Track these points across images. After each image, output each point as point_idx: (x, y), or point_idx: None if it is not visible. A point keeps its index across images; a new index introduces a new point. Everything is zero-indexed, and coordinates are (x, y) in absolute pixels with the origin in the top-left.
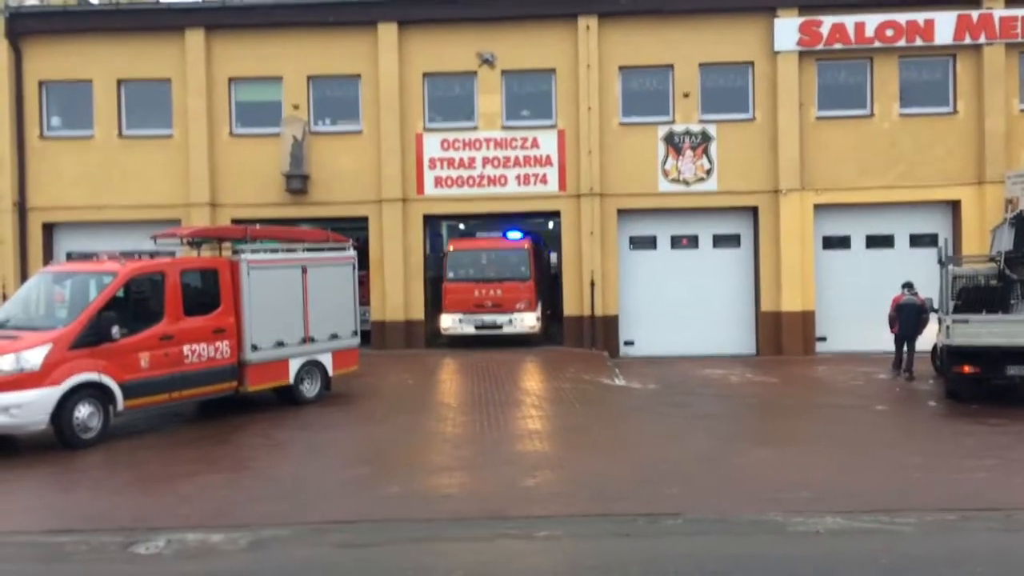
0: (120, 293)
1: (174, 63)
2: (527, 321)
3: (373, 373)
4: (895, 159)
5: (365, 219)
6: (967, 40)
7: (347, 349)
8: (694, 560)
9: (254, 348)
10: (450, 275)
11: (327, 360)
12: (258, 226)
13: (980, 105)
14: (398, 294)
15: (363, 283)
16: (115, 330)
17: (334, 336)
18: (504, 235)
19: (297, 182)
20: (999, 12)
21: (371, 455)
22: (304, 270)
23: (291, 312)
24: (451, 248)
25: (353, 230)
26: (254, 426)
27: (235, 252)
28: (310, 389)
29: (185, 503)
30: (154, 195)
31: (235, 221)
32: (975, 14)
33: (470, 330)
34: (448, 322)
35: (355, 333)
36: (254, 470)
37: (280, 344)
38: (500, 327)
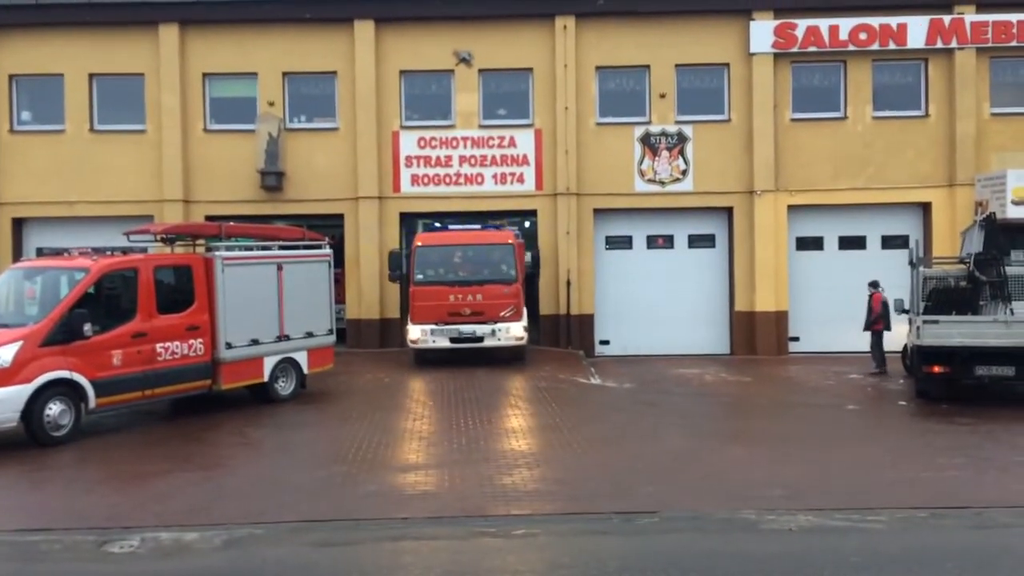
0: (92, 290)
1: (147, 58)
2: (513, 332)
3: (349, 371)
4: (868, 161)
5: (341, 216)
6: (939, 44)
7: (322, 347)
8: (670, 558)
9: (228, 346)
10: (418, 277)
11: (302, 358)
12: (232, 223)
13: (951, 109)
14: (374, 292)
15: (339, 281)
16: (87, 327)
17: (309, 334)
18: (485, 227)
19: (272, 179)
20: (970, 17)
21: (347, 453)
22: (279, 267)
23: (266, 310)
24: (419, 244)
25: (329, 227)
26: (228, 424)
27: (209, 249)
28: (285, 387)
29: (159, 501)
30: (126, 191)
31: (209, 218)
32: (947, 19)
33: (444, 343)
34: (417, 334)
35: (330, 331)
36: (229, 468)
37: (255, 342)
38: (481, 339)
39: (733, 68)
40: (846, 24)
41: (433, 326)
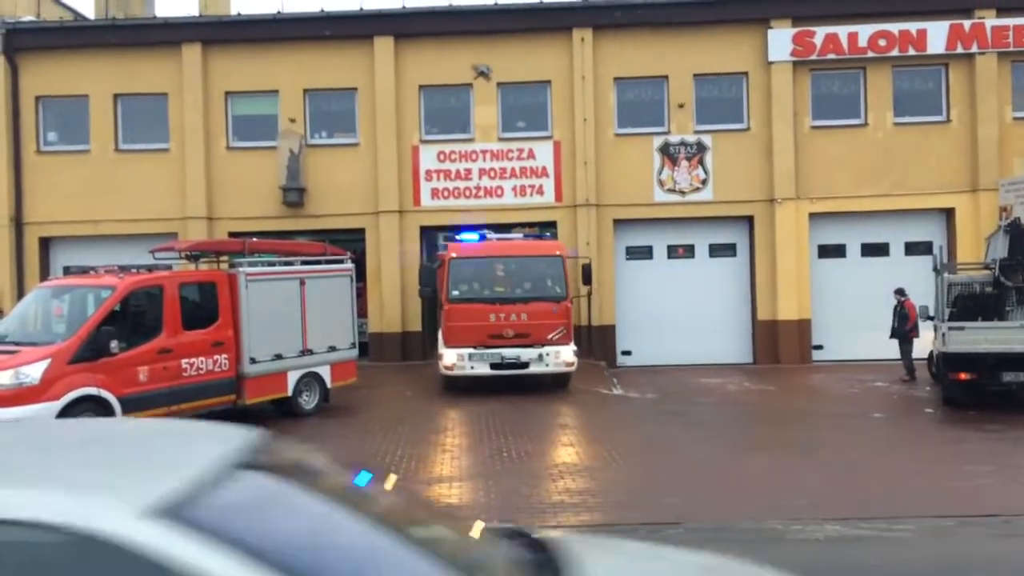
0: (118, 307)
1: (171, 77)
2: (563, 356)
3: (371, 385)
4: (889, 168)
5: (362, 231)
6: (959, 49)
7: (345, 361)
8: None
9: (252, 361)
10: (453, 293)
11: (325, 372)
12: (255, 239)
13: (973, 114)
14: (395, 306)
15: (360, 295)
16: (114, 344)
17: (332, 348)
18: (526, 237)
19: (294, 195)
20: (991, 22)
21: (370, 467)
22: (302, 282)
23: (289, 325)
24: (453, 255)
25: (350, 242)
26: None
27: (232, 265)
28: (308, 401)
29: None
30: (151, 209)
31: (232, 234)
32: (967, 24)
33: (483, 370)
34: (452, 359)
35: (353, 345)
36: None
37: (278, 357)
38: (526, 365)
39: (752, 77)
40: (865, 31)
41: (471, 350)
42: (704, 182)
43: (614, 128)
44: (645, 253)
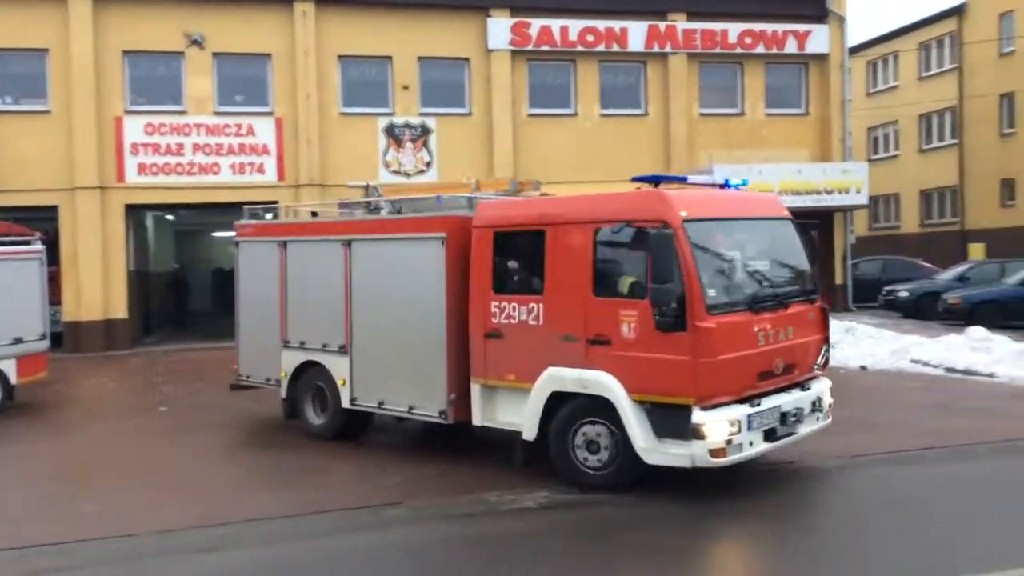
0: None
1: None
2: (826, 400)
3: (66, 379)
4: (599, 156)
5: (55, 208)
6: (655, 48)
7: (34, 354)
8: (417, 548)
9: None
10: (710, 295)
11: (9, 367)
12: None
13: (667, 109)
14: (96, 291)
15: (53, 280)
16: None
17: (18, 340)
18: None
19: None
20: (682, 24)
21: (63, 470)
22: None
23: None
24: (683, 213)
25: (40, 221)
26: None
27: None
28: None
29: None
30: None
31: None
32: (662, 25)
33: (759, 446)
34: (722, 432)
35: (43, 336)
36: None
37: None
38: (798, 423)
39: (473, 63)
40: (575, 25)
41: (747, 408)
42: (429, 164)
43: (339, 107)
44: None
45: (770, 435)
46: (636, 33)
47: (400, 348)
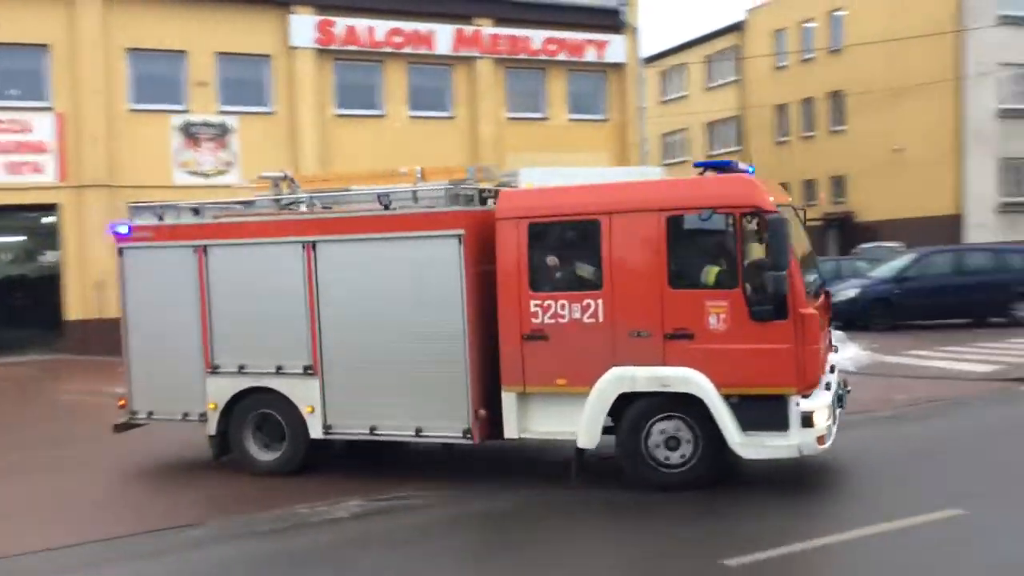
0: None
1: None
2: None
3: None
4: (408, 158)
5: None
6: (463, 52)
7: None
8: (218, 566)
9: None
10: (808, 283)
11: None
12: None
13: (475, 112)
14: None
15: None
16: None
17: None
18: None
19: None
20: (488, 30)
21: None
22: None
23: None
24: (771, 198)
25: None
26: None
27: None
28: None
29: None
30: None
31: None
32: (468, 29)
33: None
34: (823, 418)
35: None
36: None
37: None
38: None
39: (275, 61)
40: (382, 26)
41: (828, 393)
42: (230, 165)
43: (128, 103)
44: None
45: (833, 417)
46: (443, 36)
47: (399, 365)
